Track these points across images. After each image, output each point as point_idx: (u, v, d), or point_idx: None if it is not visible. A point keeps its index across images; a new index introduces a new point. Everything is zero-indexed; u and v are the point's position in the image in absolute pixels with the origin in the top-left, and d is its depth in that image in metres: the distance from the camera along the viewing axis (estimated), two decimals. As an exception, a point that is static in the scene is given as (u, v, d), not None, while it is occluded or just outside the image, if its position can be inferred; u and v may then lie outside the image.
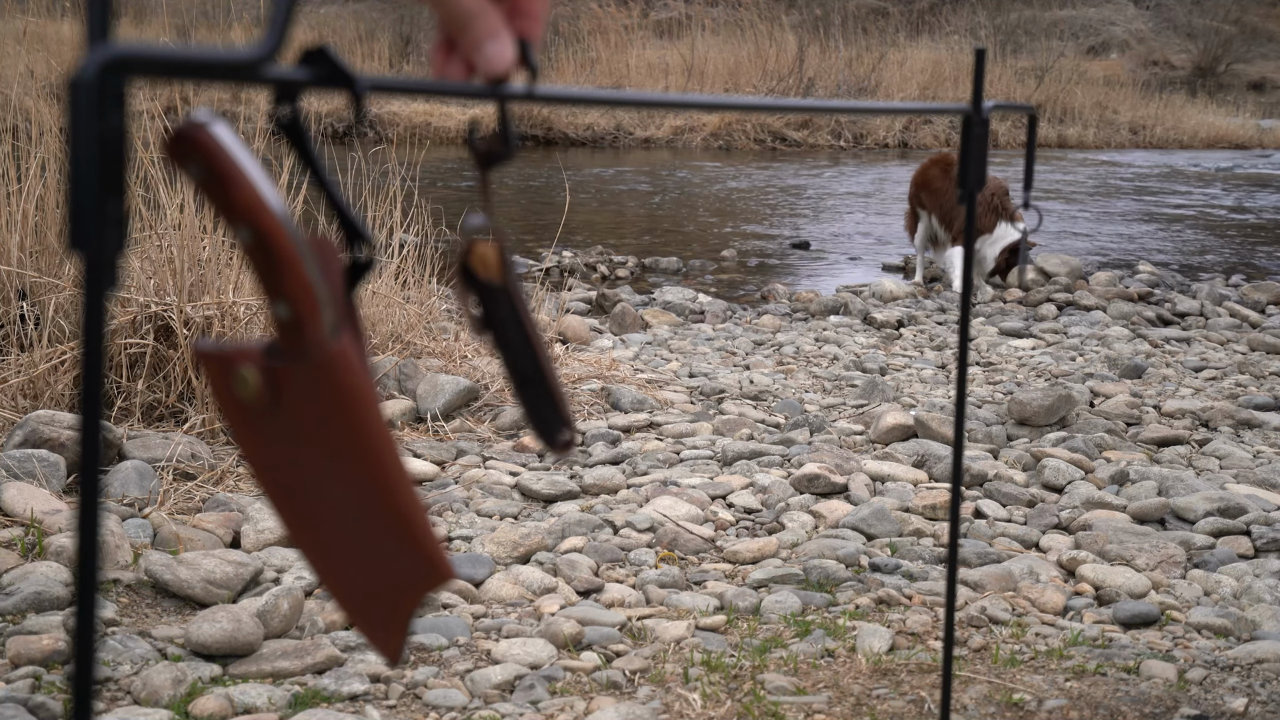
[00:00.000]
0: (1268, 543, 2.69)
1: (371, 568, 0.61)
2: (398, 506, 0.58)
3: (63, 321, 3.17)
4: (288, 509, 0.60)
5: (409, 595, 0.62)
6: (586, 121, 14.49)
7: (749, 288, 6.19)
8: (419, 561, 0.60)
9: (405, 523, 0.58)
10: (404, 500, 0.58)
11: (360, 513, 0.59)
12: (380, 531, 0.59)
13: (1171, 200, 11.00)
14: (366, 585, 0.62)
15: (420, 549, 0.59)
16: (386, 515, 0.58)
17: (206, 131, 0.49)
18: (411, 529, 0.59)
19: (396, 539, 0.59)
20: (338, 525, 0.60)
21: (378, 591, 0.62)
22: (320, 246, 0.55)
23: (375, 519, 0.59)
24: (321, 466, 0.57)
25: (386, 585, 0.61)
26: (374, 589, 0.62)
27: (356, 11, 20.06)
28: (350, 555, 0.61)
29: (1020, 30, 23.09)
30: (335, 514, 0.59)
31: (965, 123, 1.22)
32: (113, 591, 2.20)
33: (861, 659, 2.10)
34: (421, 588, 0.61)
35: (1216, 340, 5.08)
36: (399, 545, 0.59)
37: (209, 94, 6.54)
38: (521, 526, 2.63)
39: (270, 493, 0.60)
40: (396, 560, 0.60)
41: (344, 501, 0.58)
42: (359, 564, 0.61)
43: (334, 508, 0.59)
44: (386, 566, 0.60)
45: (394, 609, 0.62)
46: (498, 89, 0.63)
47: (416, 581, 0.61)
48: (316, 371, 0.54)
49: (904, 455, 3.26)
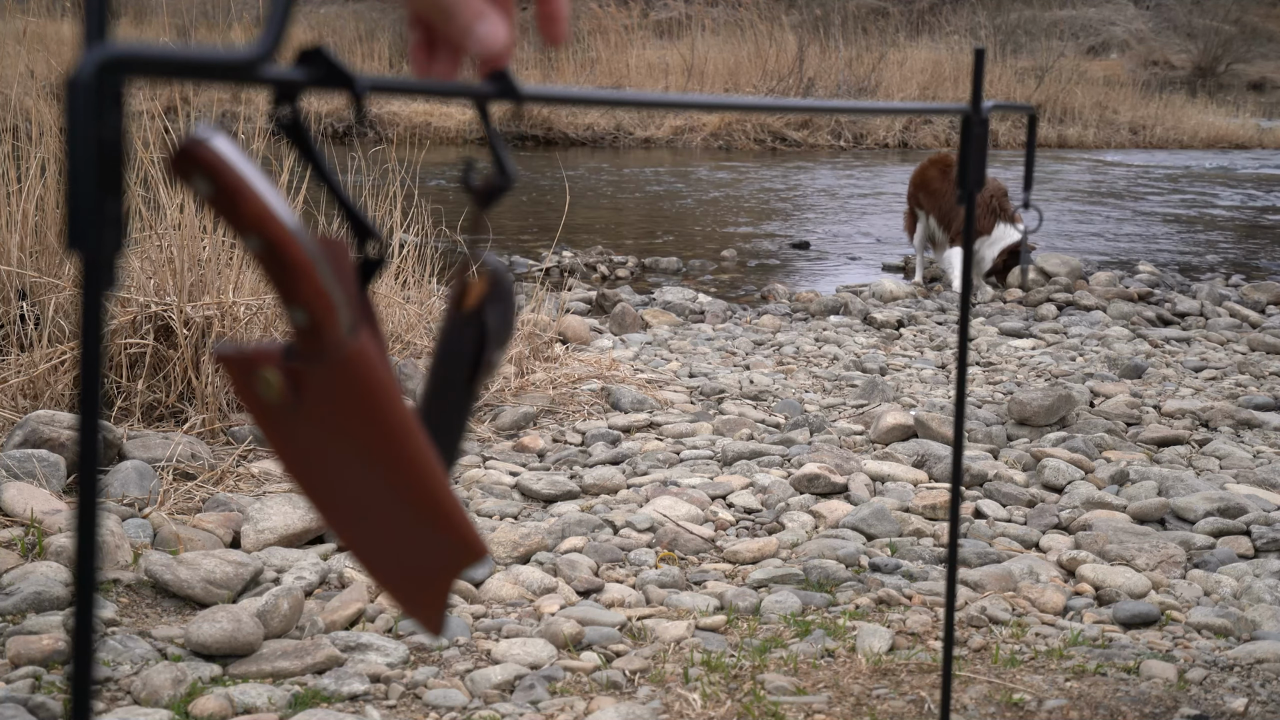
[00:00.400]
0: (1268, 543, 2.69)
1: (408, 551, 0.64)
2: (428, 492, 0.60)
3: (63, 321, 3.17)
4: (321, 501, 0.63)
5: (445, 573, 0.65)
6: (586, 121, 14.49)
7: (749, 288, 6.19)
8: (453, 542, 0.62)
9: (436, 507, 0.61)
10: (433, 485, 0.60)
11: (392, 501, 0.61)
12: (413, 517, 0.61)
13: (1171, 200, 11.00)
14: (404, 567, 0.65)
15: (453, 530, 0.62)
16: (418, 501, 0.60)
17: (208, 147, 0.49)
18: (443, 512, 0.61)
19: (429, 523, 0.61)
20: (371, 513, 0.62)
21: (416, 572, 0.65)
22: (331, 247, 0.56)
23: (407, 506, 0.61)
24: (350, 459, 0.59)
25: (423, 566, 0.64)
26: (412, 570, 0.65)
27: (356, 11, 20.06)
28: (386, 540, 0.63)
29: (1020, 30, 23.10)
30: (368, 503, 0.61)
31: (965, 123, 1.22)
32: (113, 591, 2.20)
33: (861, 659, 2.10)
34: (457, 566, 0.64)
35: (1216, 340, 5.08)
36: (432, 528, 0.62)
37: (208, 94, 6.54)
38: (521, 526, 2.63)
39: (303, 487, 0.62)
40: (431, 542, 0.63)
41: (375, 491, 0.60)
42: (395, 548, 0.64)
43: (366, 497, 0.61)
44: (422, 549, 0.63)
45: (432, 587, 0.65)
46: (498, 89, 0.63)
47: (451, 560, 0.64)
48: (337, 371, 0.55)
49: (904, 455, 3.26)
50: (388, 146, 4.77)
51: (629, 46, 16.80)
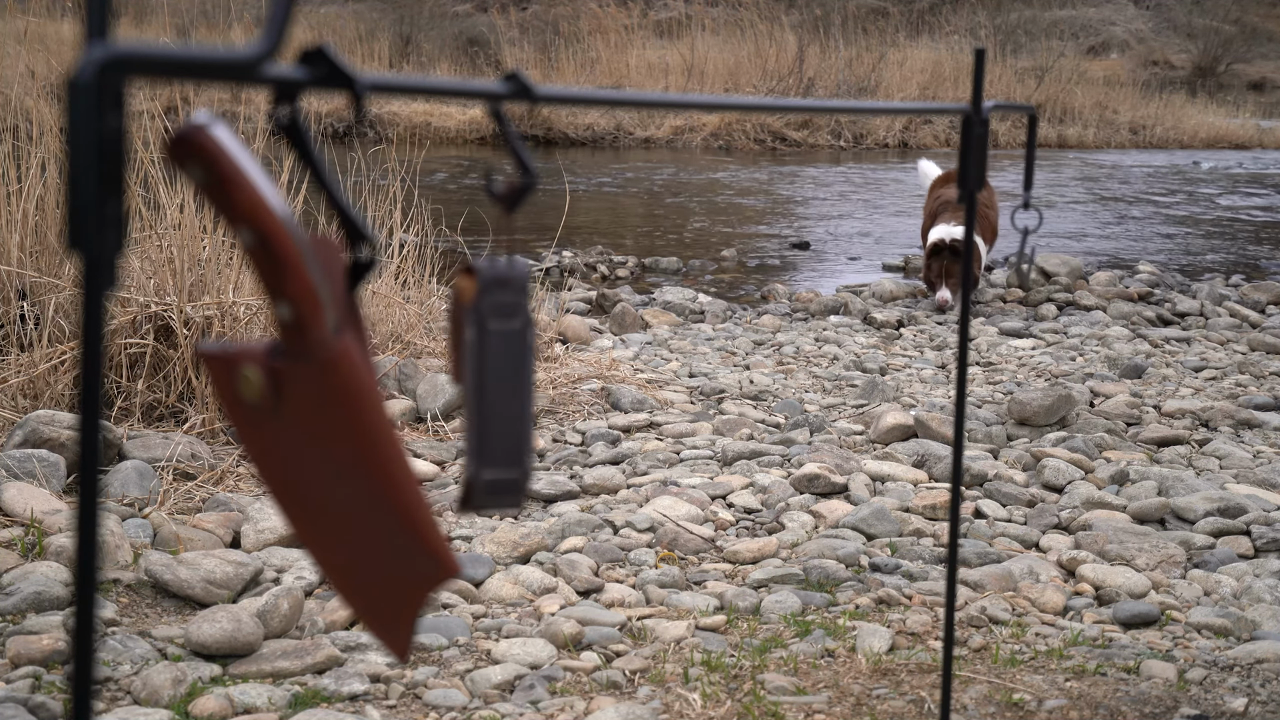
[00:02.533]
0: (1268, 543, 2.69)
1: (378, 565, 0.61)
2: (403, 504, 0.58)
3: (63, 321, 3.17)
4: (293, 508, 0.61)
5: (416, 592, 0.62)
6: (586, 121, 14.48)
7: (749, 288, 6.19)
8: (425, 558, 0.60)
9: (410, 520, 0.59)
10: (409, 497, 0.58)
11: (366, 510, 0.59)
12: (386, 529, 0.59)
13: (1171, 200, 11.00)
14: (374, 583, 0.62)
15: (426, 545, 0.60)
16: (392, 512, 0.59)
17: (207, 134, 0.49)
18: (417, 526, 0.59)
19: (402, 536, 0.59)
20: (344, 523, 0.60)
21: (385, 589, 0.62)
22: (322, 246, 0.55)
23: (381, 516, 0.59)
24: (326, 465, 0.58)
25: (393, 582, 0.62)
26: (381, 586, 0.62)
27: (356, 11, 20.05)
28: (357, 553, 0.61)
29: (1020, 30, 23.09)
30: (341, 512, 0.60)
31: (965, 123, 1.22)
32: (113, 591, 2.20)
33: (861, 659, 2.10)
34: (428, 584, 0.62)
35: (1216, 340, 5.08)
36: (405, 542, 0.60)
37: (209, 94, 6.54)
38: (521, 526, 2.63)
39: (275, 492, 0.60)
40: (403, 557, 0.60)
41: (349, 500, 0.59)
42: (366, 562, 0.61)
43: (340, 506, 0.59)
44: (393, 564, 0.61)
45: (401, 606, 0.63)
46: (512, 89, 0.63)
47: (423, 578, 0.61)
48: (319, 371, 0.54)
49: (904, 455, 3.26)
50: (387, 146, 4.77)
51: (629, 46, 16.79)
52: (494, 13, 20.91)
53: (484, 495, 0.66)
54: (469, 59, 16.99)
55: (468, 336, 0.65)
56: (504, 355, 0.65)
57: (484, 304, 0.64)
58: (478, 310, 0.64)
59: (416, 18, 18.51)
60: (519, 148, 0.63)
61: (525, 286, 0.66)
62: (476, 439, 0.65)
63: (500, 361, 0.65)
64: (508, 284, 0.65)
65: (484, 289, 0.64)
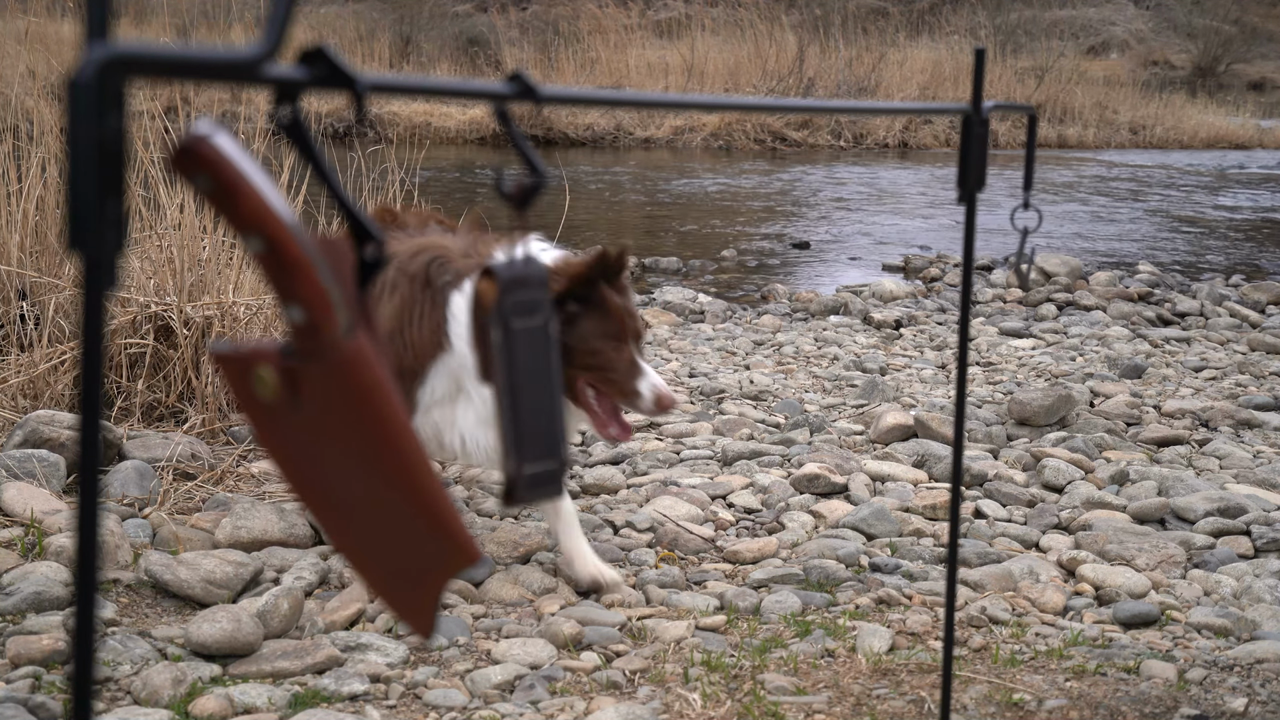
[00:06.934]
0: (1268, 543, 2.69)
1: (400, 553, 0.63)
2: (422, 493, 0.60)
3: (63, 321, 3.17)
4: (315, 501, 0.62)
5: (438, 576, 0.65)
6: (586, 121, 14.48)
7: (749, 288, 6.19)
8: (446, 544, 0.62)
9: (430, 508, 0.60)
10: (427, 487, 0.60)
11: (386, 501, 0.60)
12: (406, 518, 0.61)
13: (1171, 200, 11.00)
14: (396, 569, 0.65)
15: (446, 533, 0.61)
16: (411, 502, 0.60)
17: (210, 144, 0.49)
18: (437, 514, 0.61)
19: (423, 524, 0.61)
20: (365, 514, 0.62)
21: (407, 575, 0.65)
22: (330, 247, 0.55)
23: (401, 507, 0.61)
24: (344, 460, 0.59)
25: (415, 568, 0.64)
26: (404, 572, 0.65)
27: (356, 11, 20.05)
28: (379, 542, 0.63)
29: (1020, 30, 23.09)
30: (361, 504, 0.61)
31: (965, 123, 1.22)
32: (113, 591, 2.20)
33: (861, 659, 2.10)
34: (449, 569, 0.64)
35: (1216, 340, 5.08)
36: (426, 530, 0.62)
37: (209, 94, 6.54)
38: (522, 526, 2.63)
39: (296, 487, 0.62)
40: (424, 544, 0.62)
41: (369, 491, 0.60)
42: (388, 550, 0.63)
43: (360, 498, 0.61)
44: (414, 551, 0.63)
45: (424, 590, 0.65)
46: (517, 90, 0.63)
47: (444, 563, 0.64)
48: (334, 370, 0.55)
49: (904, 455, 3.26)
50: (387, 146, 4.77)
51: (629, 46, 16.79)
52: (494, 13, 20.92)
53: (526, 489, 0.68)
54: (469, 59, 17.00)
55: (493, 337, 0.66)
56: (530, 351, 0.67)
57: (506, 304, 0.65)
58: (500, 311, 0.65)
59: (416, 18, 18.52)
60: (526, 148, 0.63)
61: (544, 282, 0.67)
62: (513, 436, 0.67)
63: (527, 358, 0.67)
64: (526, 282, 0.66)
65: (504, 290, 0.65)
